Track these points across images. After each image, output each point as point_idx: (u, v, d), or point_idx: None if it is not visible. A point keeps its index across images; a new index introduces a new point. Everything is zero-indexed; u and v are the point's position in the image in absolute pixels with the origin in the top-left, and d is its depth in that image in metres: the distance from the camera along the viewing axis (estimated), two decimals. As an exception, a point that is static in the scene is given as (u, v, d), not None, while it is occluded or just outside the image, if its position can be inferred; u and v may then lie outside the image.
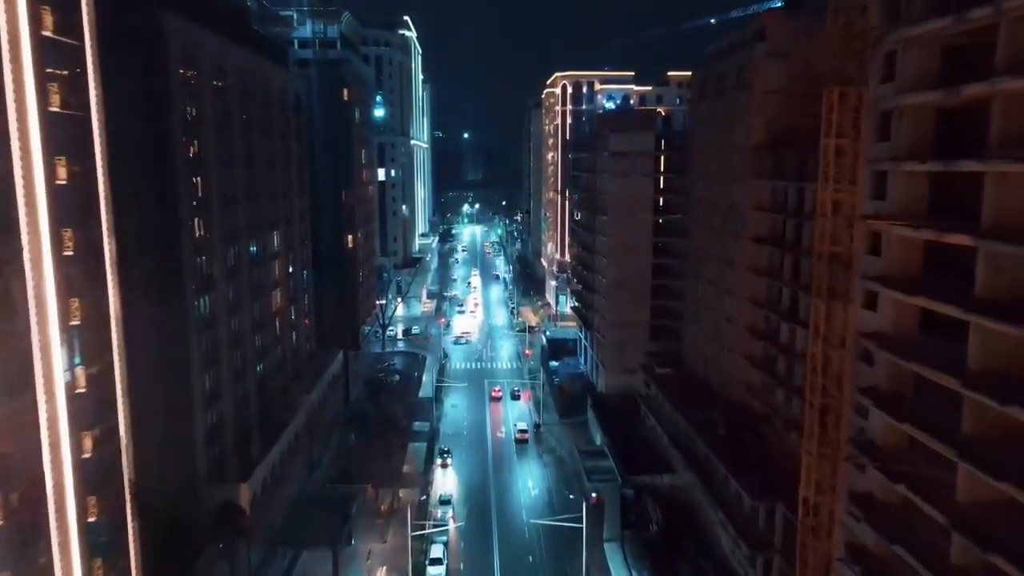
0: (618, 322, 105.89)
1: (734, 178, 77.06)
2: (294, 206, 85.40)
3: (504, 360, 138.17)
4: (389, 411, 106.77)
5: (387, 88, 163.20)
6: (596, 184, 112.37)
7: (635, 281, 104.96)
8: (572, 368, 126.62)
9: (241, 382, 65.57)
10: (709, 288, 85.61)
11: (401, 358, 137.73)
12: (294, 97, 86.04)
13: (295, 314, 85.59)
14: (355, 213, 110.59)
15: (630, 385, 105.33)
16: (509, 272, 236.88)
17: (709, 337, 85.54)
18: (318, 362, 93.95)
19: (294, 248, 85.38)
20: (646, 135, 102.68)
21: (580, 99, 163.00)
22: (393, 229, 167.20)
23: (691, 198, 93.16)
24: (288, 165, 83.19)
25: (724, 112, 79.45)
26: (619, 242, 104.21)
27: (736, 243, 77.07)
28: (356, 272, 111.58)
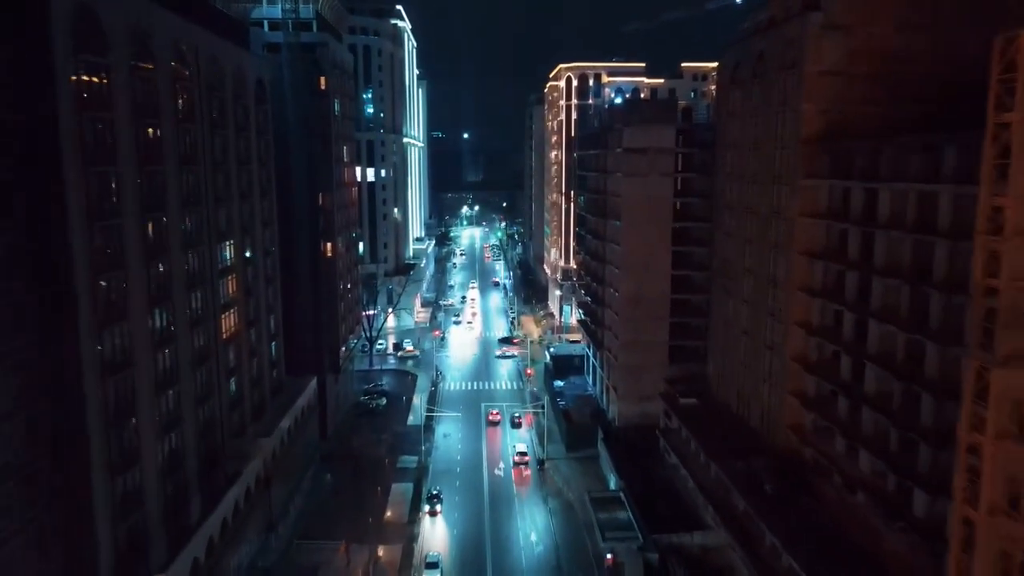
0: (632, 342, 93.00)
1: (778, 178, 64.14)
2: (255, 211, 72.53)
3: (503, 379, 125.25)
4: (372, 445, 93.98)
5: (376, 81, 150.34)
6: (607, 185, 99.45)
7: (652, 296, 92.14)
8: (579, 389, 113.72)
9: (173, 433, 52.63)
10: (743, 308, 72.69)
11: (390, 377, 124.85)
12: (256, 84, 73.15)
13: (257, 338, 72.73)
14: (334, 217, 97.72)
15: (647, 414, 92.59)
16: (509, 278, 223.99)
17: (744, 366, 72.59)
18: (287, 392, 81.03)
19: (255, 260, 72.53)
20: (665, 129, 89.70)
21: (586, 93, 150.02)
22: (383, 234, 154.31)
23: (719, 202, 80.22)
24: (247, 163, 70.34)
25: (764, 99, 66.53)
26: (634, 251, 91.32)
27: (781, 256, 64.17)
28: (335, 284, 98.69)
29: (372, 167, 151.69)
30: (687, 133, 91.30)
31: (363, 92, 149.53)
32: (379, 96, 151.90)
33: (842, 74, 58.58)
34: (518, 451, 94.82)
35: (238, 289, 66.94)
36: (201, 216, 57.55)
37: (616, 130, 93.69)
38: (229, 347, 64.55)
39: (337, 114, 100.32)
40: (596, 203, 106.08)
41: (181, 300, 53.89)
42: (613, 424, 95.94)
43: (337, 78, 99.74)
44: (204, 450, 58.04)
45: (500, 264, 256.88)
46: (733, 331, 75.53)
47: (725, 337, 78.44)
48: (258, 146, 73.89)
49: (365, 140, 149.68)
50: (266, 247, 76.51)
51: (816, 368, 59.87)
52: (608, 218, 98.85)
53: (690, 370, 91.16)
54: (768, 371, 66.90)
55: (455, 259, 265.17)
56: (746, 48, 71.23)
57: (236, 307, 66.58)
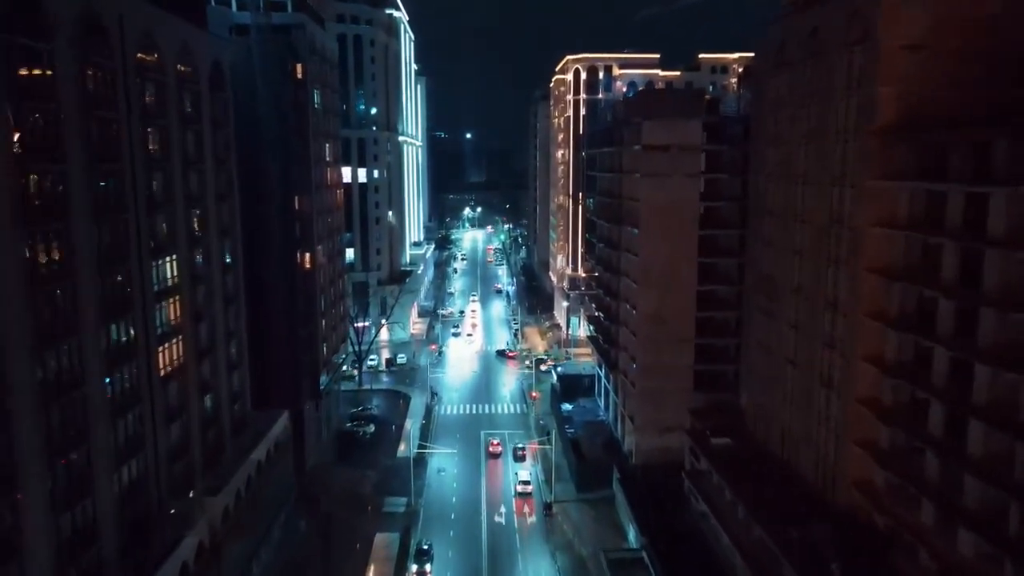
0: (652, 366, 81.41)
1: (840, 178, 52.40)
2: (209, 218, 61.03)
3: (506, 402, 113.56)
4: (355, 483, 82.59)
5: (368, 74, 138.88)
6: (622, 188, 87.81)
7: (674, 314, 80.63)
8: (590, 414, 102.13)
9: (79, 504, 41.14)
10: (790, 333, 60.95)
11: (380, 399, 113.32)
12: (211, 67, 61.68)
13: (211, 371, 61.22)
14: (314, 224, 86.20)
15: (669, 449, 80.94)
16: (512, 284, 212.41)
17: (791, 403, 60.85)
18: (252, 430, 69.50)
19: (209, 278, 61.03)
20: (690, 123, 78.13)
21: (596, 86, 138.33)
22: (376, 239, 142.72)
23: (757, 206, 68.49)
24: (197, 162, 58.88)
25: (821, 84, 54.79)
26: (654, 263, 79.77)
27: (843, 274, 52.44)
28: (315, 299, 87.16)
29: (364, 167, 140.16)
30: (714, 128, 79.76)
31: (354, 86, 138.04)
32: (371, 91, 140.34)
33: (926, 49, 46.85)
34: (520, 479, 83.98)
35: (183, 314, 55.39)
36: (123, 226, 45.97)
37: (633, 125, 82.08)
38: (169, 386, 53.00)
39: (317, 107, 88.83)
40: (609, 207, 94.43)
41: (92, 334, 42.33)
42: (630, 459, 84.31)
43: (317, 66, 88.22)
44: (130, 518, 46.48)
45: (503, 269, 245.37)
46: (776, 360, 63.79)
47: (765, 366, 66.71)
48: (214, 141, 62.42)
49: (356, 138, 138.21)
50: (225, 261, 64.98)
51: (892, 415, 48.14)
52: (623, 224, 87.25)
53: (718, 399, 79.57)
54: (824, 413, 55.14)
55: (456, 264, 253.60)
56: (794, 24, 59.47)
57: (180, 336, 55.05)
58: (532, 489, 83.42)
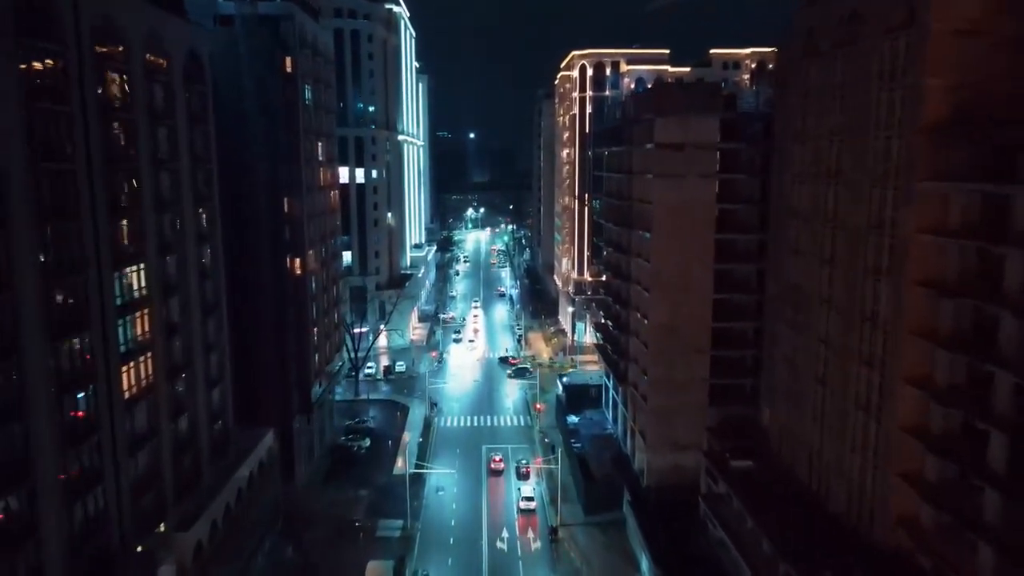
0: (665, 380, 76.14)
1: (880, 179, 47.08)
2: (186, 223, 55.90)
3: (509, 413, 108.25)
4: (347, 504, 77.51)
5: (366, 70, 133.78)
6: (632, 189, 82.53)
7: (689, 324, 75.34)
8: (597, 427, 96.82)
9: (21, 549, 36.04)
10: (819, 349, 55.63)
11: (377, 410, 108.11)
12: (187, 58, 56.55)
13: (187, 388, 56.08)
14: (305, 227, 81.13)
15: (682, 468, 75.86)
16: (516, 287, 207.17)
17: (821, 425, 55.51)
18: (235, 450, 64.35)
19: (185, 286, 55.90)
20: (706, 119, 72.82)
21: (603, 83, 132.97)
22: (375, 242, 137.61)
23: (782, 209, 63.20)
24: (171, 161, 53.76)
25: (857, 73, 49.48)
26: (667, 270, 74.49)
27: (884, 286, 47.11)
28: (306, 307, 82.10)
29: (362, 167, 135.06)
30: (731, 125, 74.39)
31: (351, 83, 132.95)
32: (369, 88, 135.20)
33: (982, 35, 41.57)
34: (524, 495, 79.53)
35: (154, 328, 50.26)
36: (76, 232, 40.86)
37: (645, 122, 76.82)
38: (135, 409, 47.87)
39: (308, 103, 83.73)
40: (618, 210, 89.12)
41: (36, 356, 37.20)
42: (641, 479, 78.99)
43: (308, 60, 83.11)
44: (87, 562, 41.36)
45: (506, 271, 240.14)
46: (803, 377, 58.45)
47: (790, 383, 61.40)
48: (191, 139, 57.28)
49: (354, 137, 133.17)
50: (204, 268, 59.86)
51: (942, 445, 42.80)
52: (634, 228, 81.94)
53: (736, 415, 74.32)
54: (861, 439, 49.80)
55: (458, 266, 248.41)
56: (826, 9, 54.11)
57: (150, 352, 49.91)
58: (536, 506, 78.62)
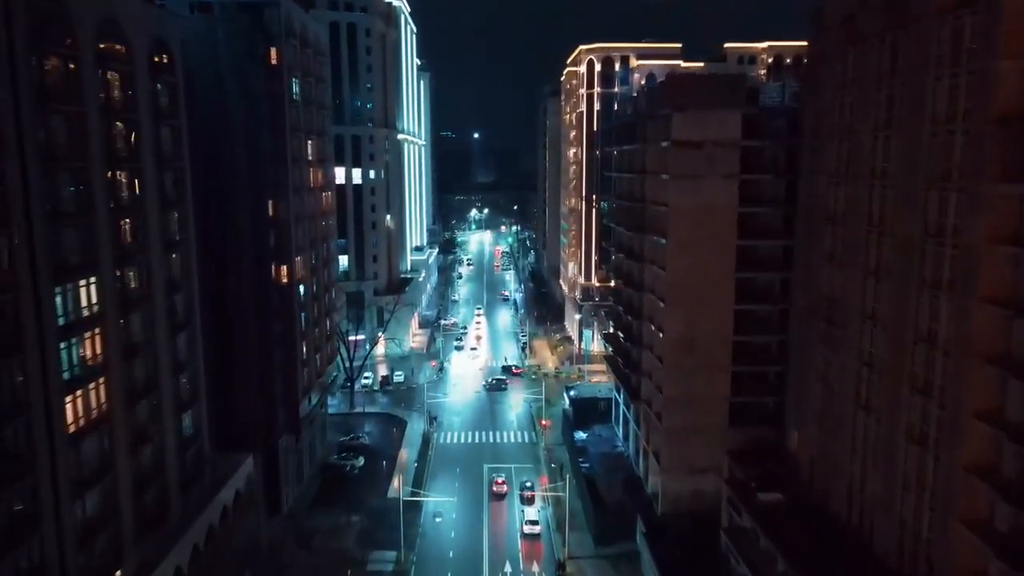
0: (682, 398, 70.09)
1: (940, 180, 40.85)
2: (149, 229, 49.96)
3: (512, 428, 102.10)
4: (336, 532, 71.53)
5: (363, 65, 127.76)
6: (645, 191, 76.42)
7: (708, 338, 69.38)
8: (606, 444, 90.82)
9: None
10: (862, 371, 49.43)
11: (373, 425, 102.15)
12: (152, 47, 50.60)
13: (151, 415, 50.10)
14: (292, 231, 75.19)
15: (701, 493, 69.94)
16: (520, 291, 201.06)
17: (865, 458, 49.28)
18: (210, 478, 58.36)
19: (149, 300, 49.96)
20: (728, 114, 66.74)
21: (611, 79, 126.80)
22: (372, 245, 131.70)
23: (816, 213, 56.98)
24: (131, 160, 47.84)
25: (909, 58, 43.27)
26: (684, 279, 68.48)
27: (945, 303, 40.84)
28: (294, 318, 76.14)
29: (359, 167, 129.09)
30: (754, 121, 68.26)
31: (348, 79, 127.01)
32: (367, 84, 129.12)
33: (1066, 9, 35.37)
34: (528, 519, 74.12)
35: (108, 349, 44.29)
36: (2, 243, 34.91)
37: (660, 118, 70.72)
38: (83, 443, 41.92)
39: (296, 98, 77.78)
40: (630, 213, 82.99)
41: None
42: (655, 505, 72.88)
43: (295, 51, 77.14)
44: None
45: (510, 274, 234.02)
46: (840, 401, 52.25)
47: (824, 405, 55.22)
48: (156, 136, 51.32)
49: (350, 135, 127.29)
50: (173, 279, 53.90)
51: (1015, 491, 36.56)
52: (647, 233, 75.84)
53: (759, 437, 68.19)
54: (915, 476, 43.58)
55: (461, 268, 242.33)
56: (870, -13, 47.92)
57: (104, 377, 43.96)
58: (540, 531, 72.90)
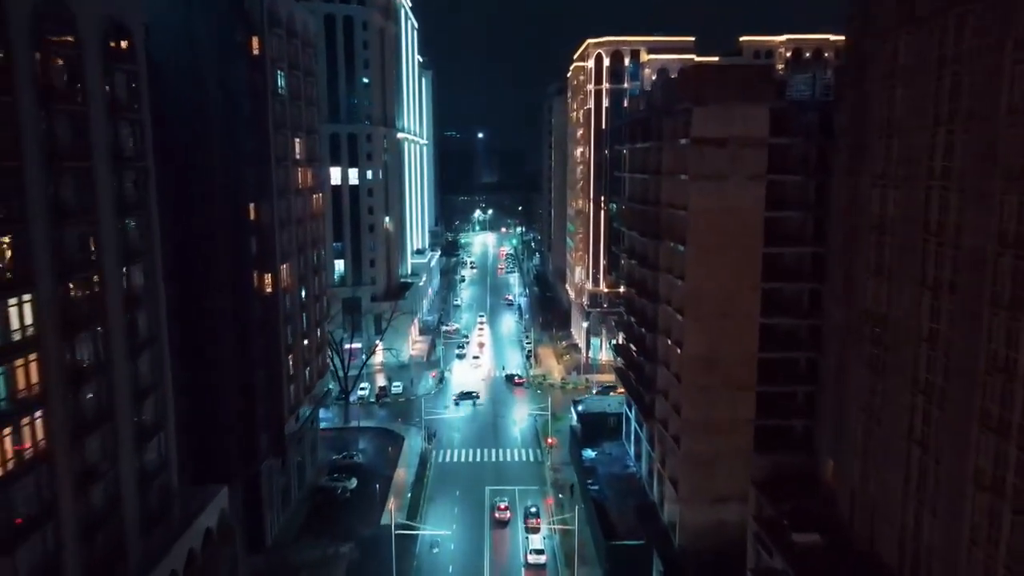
0: (702, 421, 63.96)
1: (1019, 180, 34.49)
2: (102, 238, 43.86)
3: (516, 445, 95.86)
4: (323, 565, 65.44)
5: (360, 60, 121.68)
6: (661, 192, 70.21)
7: (731, 354, 63.27)
8: (617, 463, 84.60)
9: None
10: (916, 401, 43.09)
11: (368, 441, 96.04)
12: (107, 31, 44.56)
13: (105, 449, 43.99)
14: (276, 237, 69.17)
15: (723, 525, 63.93)
16: (525, 295, 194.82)
17: (921, 501, 42.91)
18: (179, 516, 52.22)
19: (102, 318, 43.85)
20: (755, 109, 60.53)
21: (621, 74, 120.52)
22: (370, 249, 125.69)
23: (857, 218, 50.64)
24: (78, 160, 41.73)
25: (981, 41, 36.92)
26: (706, 290, 62.33)
27: None
28: (277, 330, 70.08)
29: (355, 167, 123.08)
30: (782, 115, 62.02)
31: (344, 74, 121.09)
32: (364, 80, 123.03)
33: None
34: (533, 547, 68.69)
35: (47, 378, 38.18)
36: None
37: (678, 113, 64.52)
38: (13, 488, 35.79)
39: (282, 92, 71.75)
40: (643, 217, 76.76)
41: None
42: (672, 536, 66.69)
43: (281, 41, 71.15)
44: None
45: (515, 276, 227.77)
46: (889, 433, 45.92)
47: (868, 437, 48.89)
48: (113, 131, 45.25)
49: (347, 134, 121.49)
50: (134, 293, 47.81)
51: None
52: (663, 239, 69.64)
53: (787, 464, 61.83)
54: (987, 531, 37.20)
55: (464, 271, 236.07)
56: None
57: (41, 410, 37.86)
58: (546, 560, 67.35)
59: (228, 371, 62.47)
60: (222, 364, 62.06)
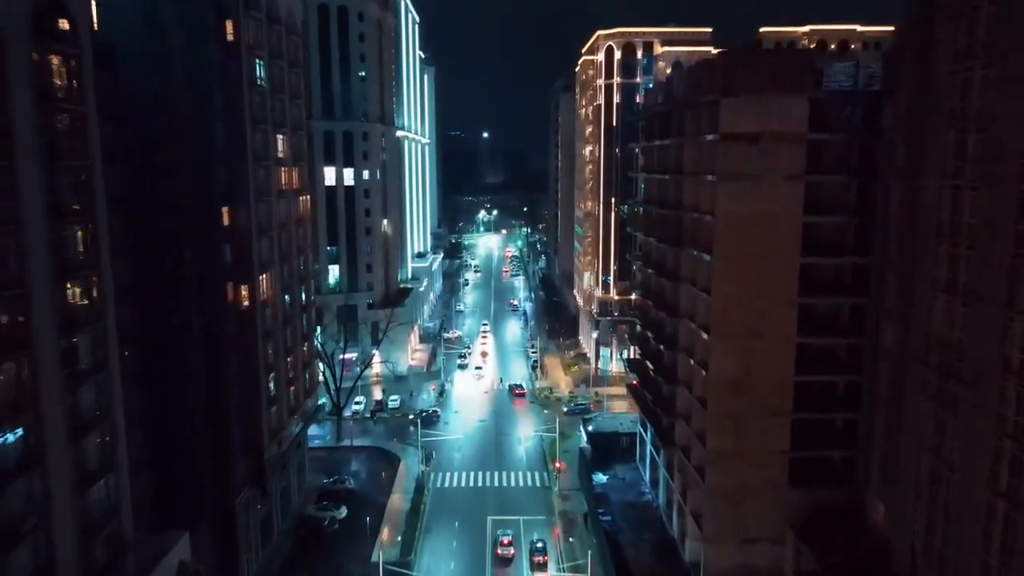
0: (731, 452, 56.92)
1: None
2: (30, 249, 36.96)
3: (521, 467, 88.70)
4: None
5: (355, 53, 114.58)
6: (683, 195, 63.09)
7: (764, 377, 56.12)
8: (631, 491, 77.51)
9: None
10: (1003, 445, 35.78)
11: (361, 462, 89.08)
12: (35, 7, 37.65)
13: (30, 500, 37.09)
14: (254, 244, 62.20)
15: (753, 570, 56.93)
16: (530, 300, 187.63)
17: (1007, 562, 35.62)
18: (140, 566, 45.29)
19: (28, 344, 36.92)
20: (793, 100, 53.24)
21: (633, 68, 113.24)
22: (366, 253, 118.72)
23: (920, 225, 43.37)
24: (11, 159, 34.86)
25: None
26: (735, 305, 55.24)
27: None
28: (255, 348, 63.04)
29: (351, 166, 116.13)
30: (821, 108, 54.78)
31: (339, 69, 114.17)
32: (360, 74, 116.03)
33: None
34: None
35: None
36: None
37: (704, 105, 57.31)
38: None
39: (262, 84, 64.79)
40: (661, 222, 69.65)
41: None
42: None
43: (261, 27, 64.18)
44: None
45: (520, 279, 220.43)
46: (967, 484, 38.65)
47: (937, 484, 41.62)
48: (49, 126, 38.33)
49: (341, 131, 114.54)
50: (73, 313, 40.86)
51: None
52: (684, 246, 62.46)
53: (827, 500, 54.95)
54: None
55: (467, 274, 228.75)
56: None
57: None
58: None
59: (196, 397, 55.49)
60: (189, 389, 55.10)
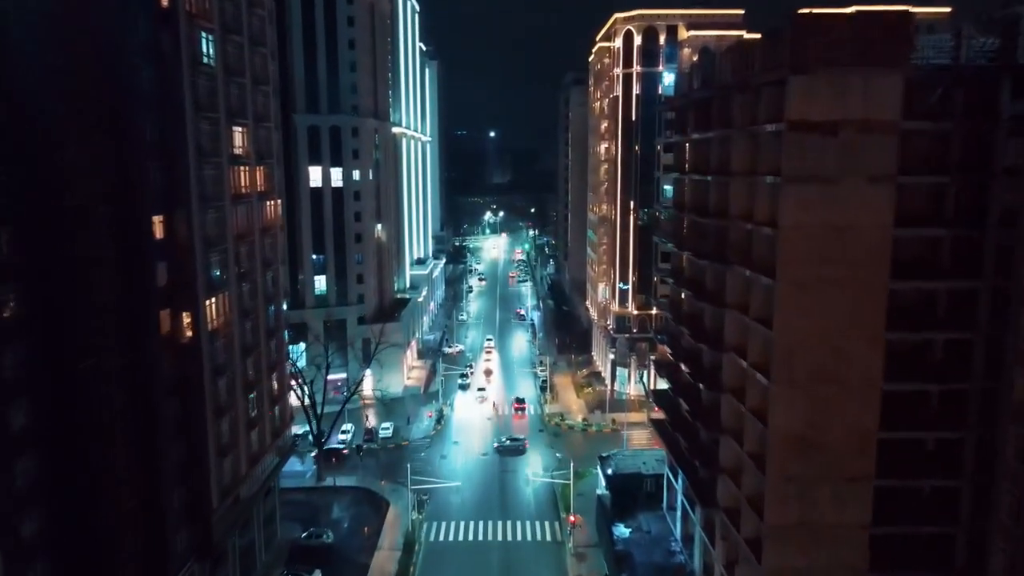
0: (795, 526, 44.57)
1: None
2: None
3: (530, 514, 76.59)
4: None
5: (343, 40, 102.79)
6: (730, 200, 50.85)
7: (840, 434, 43.87)
8: (659, 548, 65.50)
9: None
10: None
11: (344, 507, 77.08)
12: None
13: None
14: (196, 260, 50.23)
15: None
16: (538, 308, 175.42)
17: None
18: None
19: None
20: (884, 78, 40.97)
21: (654, 55, 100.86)
22: (357, 262, 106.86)
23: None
24: None
25: None
26: (804, 343, 42.99)
27: None
28: (200, 389, 51.07)
29: (339, 166, 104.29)
30: (922, 86, 42.60)
31: (325, 57, 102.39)
32: (348, 64, 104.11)
33: None
34: None
35: None
36: None
37: (762, 87, 45.10)
38: None
39: (211, 64, 52.79)
40: (699, 232, 57.49)
41: None
42: None
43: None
44: None
45: (527, 286, 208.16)
46: None
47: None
48: None
49: (327, 126, 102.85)
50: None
51: None
52: (731, 264, 50.28)
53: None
54: None
55: (471, 281, 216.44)
56: None
57: None
58: None
59: (111, 458, 43.53)
60: (102, 450, 43.14)
